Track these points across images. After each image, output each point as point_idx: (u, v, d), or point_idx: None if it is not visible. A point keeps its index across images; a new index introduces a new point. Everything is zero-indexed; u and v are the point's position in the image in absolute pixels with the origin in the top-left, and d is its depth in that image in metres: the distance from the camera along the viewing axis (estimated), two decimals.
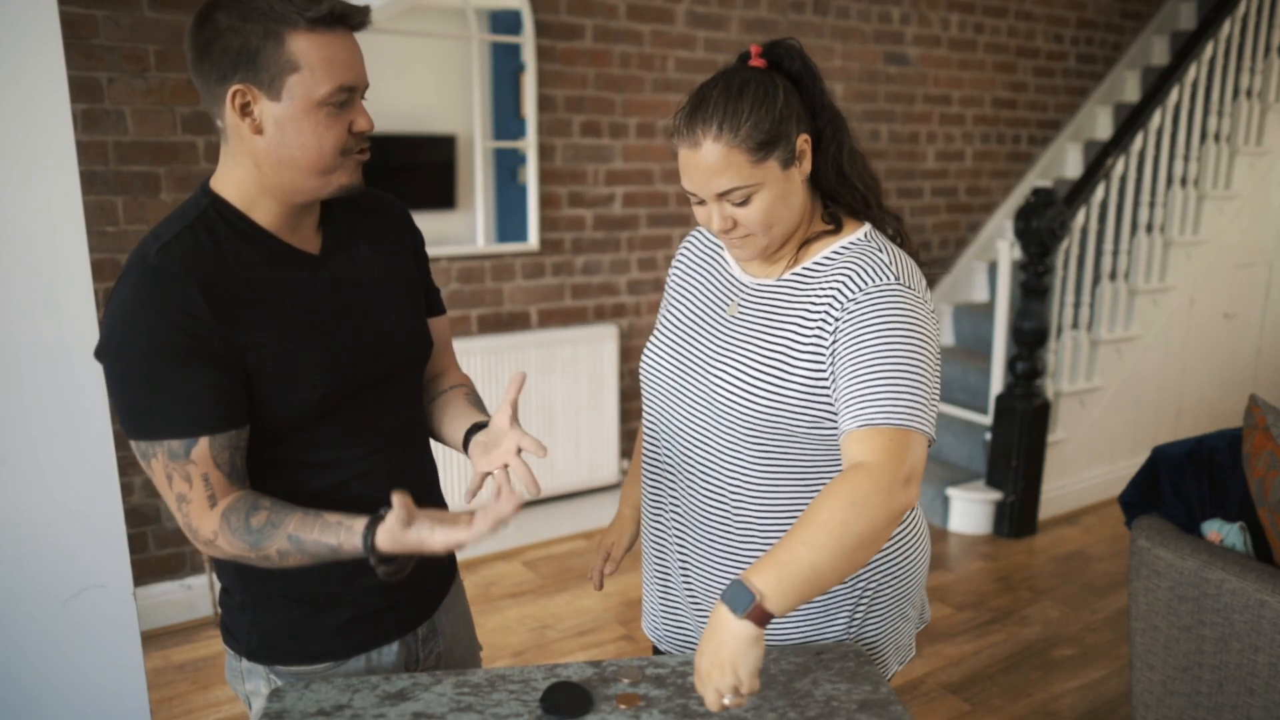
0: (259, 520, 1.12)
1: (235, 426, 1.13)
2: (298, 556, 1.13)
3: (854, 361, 1.18)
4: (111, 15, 2.69)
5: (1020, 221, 3.59)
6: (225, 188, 1.17)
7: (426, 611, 1.37)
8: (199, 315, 1.09)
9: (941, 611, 3.18)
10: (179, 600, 3.05)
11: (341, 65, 1.11)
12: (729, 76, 1.23)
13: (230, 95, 1.10)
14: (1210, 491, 2.02)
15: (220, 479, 1.13)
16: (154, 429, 1.11)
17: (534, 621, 3.08)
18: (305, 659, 1.28)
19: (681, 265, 1.46)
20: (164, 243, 1.12)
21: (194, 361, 1.09)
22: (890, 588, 1.36)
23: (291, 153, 1.12)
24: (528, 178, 3.48)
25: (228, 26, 1.08)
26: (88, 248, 1.44)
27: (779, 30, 3.95)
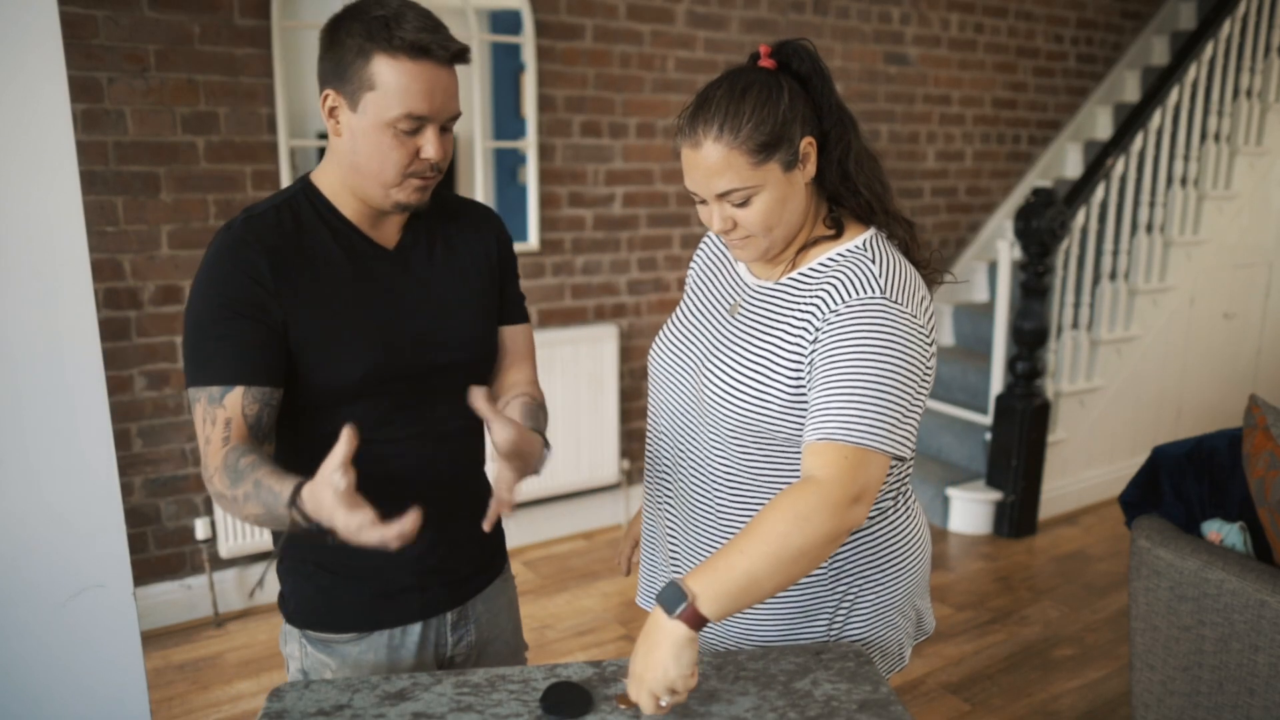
0: (245, 463, 1.16)
1: (269, 384, 1.22)
2: (254, 504, 1.14)
3: (825, 375, 1.17)
4: (111, 15, 2.69)
5: (1020, 221, 3.59)
6: (321, 179, 1.29)
7: (458, 598, 1.40)
8: (261, 279, 1.20)
9: (941, 611, 3.18)
10: (179, 600, 3.05)
11: (416, 94, 1.17)
12: (734, 77, 1.22)
13: (322, 98, 1.22)
14: (1210, 491, 2.02)
15: (241, 428, 1.20)
16: (201, 376, 1.21)
17: (534, 621, 3.08)
18: (332, 627, 1.35)
19: (699, 262, 1.48)
20: (248, 215, 1.25)
21: (246, 318, 1.20)
22: (874, 592, 1.34)
23: (359, 160, 1.22)
24: (528, 178, 3.48)
25: (339, 39, 1.19)
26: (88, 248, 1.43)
27: (779, 30, 3.95)
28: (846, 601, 1.33)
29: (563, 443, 3.60)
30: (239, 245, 1.22)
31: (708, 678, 1.25)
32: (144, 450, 2.94)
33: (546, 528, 3.68)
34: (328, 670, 1.36)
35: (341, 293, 1.26)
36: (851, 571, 1.32)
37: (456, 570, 1.39)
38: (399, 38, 1.15)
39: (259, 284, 1.20)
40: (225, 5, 2.85)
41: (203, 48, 2.84)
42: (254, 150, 2.96)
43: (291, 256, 1.24)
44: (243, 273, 1.20)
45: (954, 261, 4.83)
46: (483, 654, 1.46)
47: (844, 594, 1.33)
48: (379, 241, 1.31)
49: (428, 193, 1.27)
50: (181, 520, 3.03)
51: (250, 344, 1.20)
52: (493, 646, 1.47)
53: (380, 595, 1.34)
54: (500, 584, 1.49)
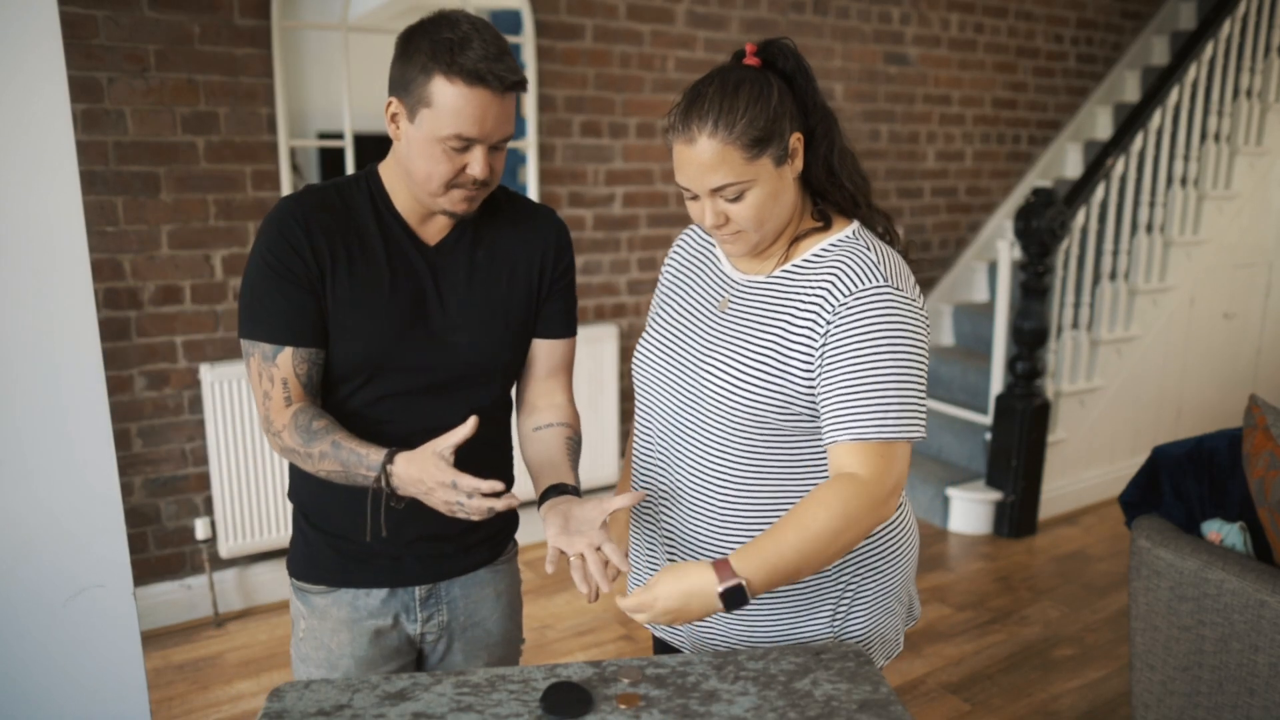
0: (319, 425, 1.30)
1: (316, 345, 1.34)
2: (332, 461, 1.28)
3: (844, 370, 1.21)
4: (111, 15, 2.69)
5: (1020, 221, 3.59)
6: (385, 171, 1.38)
7: (432, 575, 1.46)
8: (302, 249, 1.31)
9: (941, 611, 3.18)
10: (179, 600, 3.05)
11: (467, 118, 1.24)
12: (724, 74, 1.24)
13: (387, 104, 1.30)
14: (1210, 491, 2.02)
15: (297, 386, 1.33)
16: (254, 330, 1.33)
17: (534, 621, 3.08)
18: (307, 578, 1.46)
19: (674, 263, 1.48)
20: (306, 189, 1.37)
21: (292, 283, 1.31)
22: (874, 583, 1.37)
23: (411, 167, 1.30)
24: (528, 178, 3.48)
25: (410, 51, 1.26)
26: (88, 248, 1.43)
27: (779, 30, 3.95)
28: (849, 594, 1.36)
29: None
30: (287, 216, 1.32)
31: (707, 677, 1.25)
32: (144, 450, 2.94)
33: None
34: (302, 619, 1.47)
35: (371, 277, 1.34)
36: (854, 564, 1.35)
37: (435, 548, 1.44)
38: (459, 64, 1.22)
39: (298, 253, 1.31)
40: (225, 5, 2.85)
41: (203, 48, 2.84)
42: (254, 150, 2.96)
43: (333, 234, 1.33)
44: (286, 241, 1.31)
45: (954, 261, 4.83)
46: (458, 638, 1.50)
47: (845, 586, 1.35)
48: (422, 237, 1.38)
49: (475, 203, 1.33)
50: (181, 520, 3.03)
51: (296, 306, 1.32)
52: (471, 633, 1.50)
53: (351, 555, 1.43)
54: (488, 574, 1.52)
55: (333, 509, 1.42)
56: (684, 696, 1.21)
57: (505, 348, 1.44)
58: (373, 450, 1.26)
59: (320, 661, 1.45)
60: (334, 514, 1.42)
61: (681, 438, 1.35)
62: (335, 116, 3.12)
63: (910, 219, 4.58)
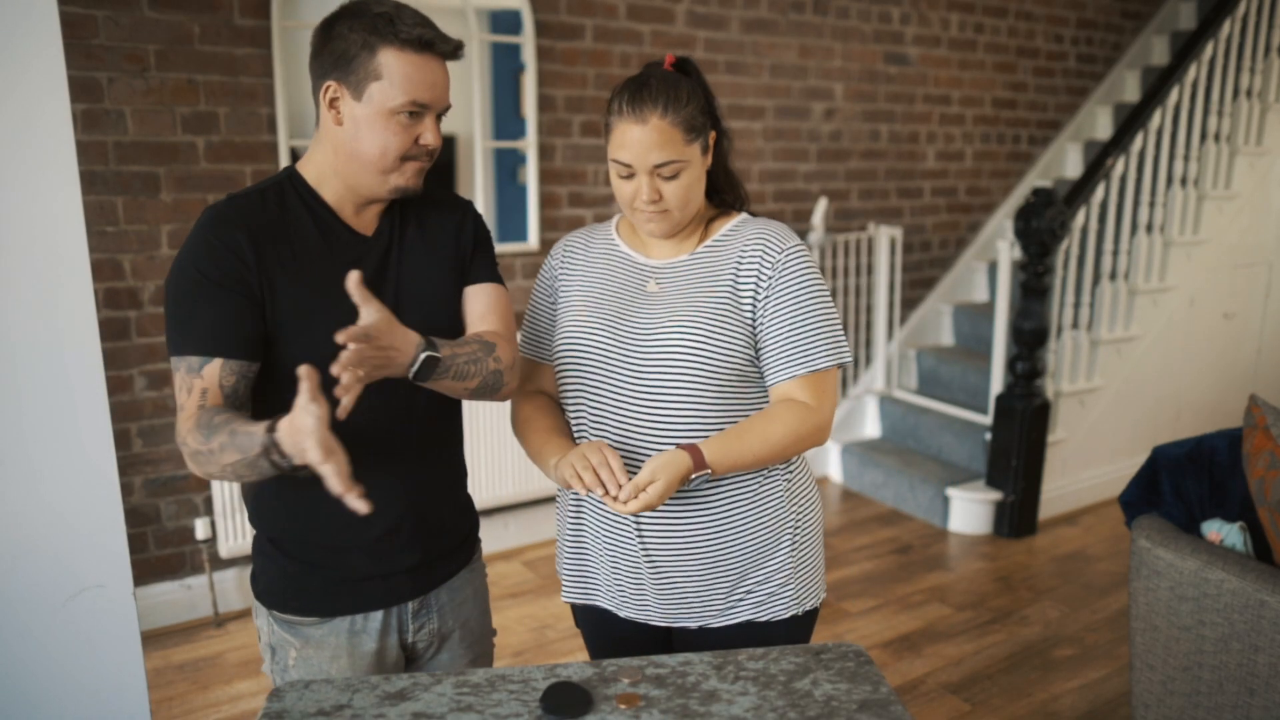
0: (220, 419, 1.22)
1: (247, 358, 1.28)
2: (231, 451, 1.19)
3: (788, 316, 1.42)
4: (111, 15, 2.69)
5: (1020, 221, 3.59)
6: (306, 167, 1.36)
7: (420, 588, 1.45)
8: (241, 254, 1.27)
9: (941, 611, 3.18)
10: (179, 600, 3.05)
11: (420, 84, 1.27)
12: (659, 72, 1.43)
13: (324, 89, 1.29)
14: (1210, 491, 2.02)
15: (217, 397, 1.26)
16: (181, 345, 1.27)
17: (534, 621, 3.08)
18: (295, 610, 1.41)
19: (572, 262, 1.57)
20: (232, 197, 1.33)
21: (226, 291, 1.26)
22: (811, 514, 1.54)
23: (360, 148, 1.29)
24: (528, 178, 3.48)
25: (339, 33, 1.27)
26: (88, 248, 1.43)
27: (779, 30, 3.95)
28: (800, 524, 1.51)
29: None
30: (221, 222, 1.28)
31: (707, 677, 1.25)
32: (144, 450, 2.94)
33: (546, 528, 3.69)
34: (291, 649, 1.41)
35: (318, 273, 1.31)
36: (798, 495, 1.52)
37: (420, 560, 1.44)
38: (404, 33, 1.25)
39: (239, 258, 1.26)
40: (225, 5, 2.85)
41: (203, 48, 2.84)
42: (254, 150, 2.96)
43: (271, 235, 1.30)
44: (225, 247, 1.26)
45: (954, 261, 4.83)
46: (446, 640, 1.51)
47: (796, 517, 1.50)
48: (357, 229, 1.37)
49: (422, 177, 1.35)
50: (181, 520, 3.03)
51: (230, 317, 1.26)
52: (457, 634, 1.52)
53: (341, 582, 1.40)
54: (467, 574, 1.53)
55: (320, 533, 1.37)
56: (684, 696, 1.21)
57: (455, 319, 1.44)
58: (259, 425, 1.17)
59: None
60: (322, 538, 1.37)
61: (638, 414, 1.43)
62: None
63: (910, 219, 4.59)
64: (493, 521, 3.53)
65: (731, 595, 1.48)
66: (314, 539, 1.38)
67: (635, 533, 1.45)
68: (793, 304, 1.43)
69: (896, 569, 3.51)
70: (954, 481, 3.91)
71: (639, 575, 1.47)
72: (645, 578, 1.47)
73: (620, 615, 1.53)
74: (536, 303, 1.60)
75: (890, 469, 4.11)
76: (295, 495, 1.35)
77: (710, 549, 1.46)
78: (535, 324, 1.59)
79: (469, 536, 1.54)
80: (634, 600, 1.50)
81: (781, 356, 1.43)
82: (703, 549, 1.46)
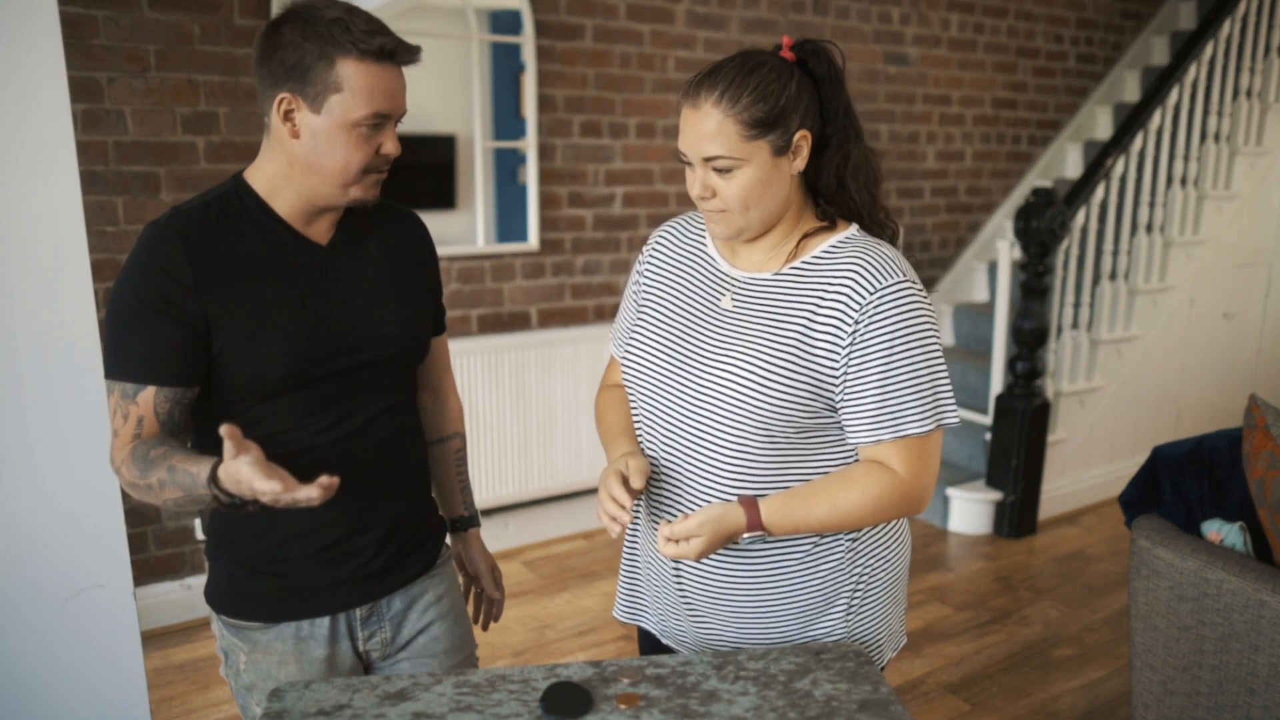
0: (156, 453, 1.20)
1: (184, 384, 1.24)
2: (172, 488, 1.18)
3: (878, 369, 1.23)
4: (111, 15, 2.69)
5: (1020, 221, 3.59)
6: (255, 177, 1.30)
7: (369, 595, 1.41)
8: (180, 277, 1.22)
9: (941, 611, 3.18)
10: (179, 600, 3.05)
11: (381, 94, 1.22)
12: (749, 54, 1.26)
13: (277, 101, 1.22)
14: (1210, 491, 2.02)
15: (153, 425, 1.24)
16: (116, 370, 1.23)
17: (534, 621, 3.08)
18: (240, 615, 1.38)
19: (658, 258, 1.45)
20: (174, 213, 1.27)
21: (163, 317, 1.22)
22: (883, 573, 1.38)
23: (320, 161, 1.24)
24: (528, 178, 3.48)
25: (290, 40, 1.20)
26: (88, 248, 1.44)
27: (779, 30, 3.95)
28: (860, 586, 1.36)
29: (563, 443, 3.60)
30: (161, 242, 1.23)
31: (707, 677, 1.25)
32: None
33: (546, 528, 3.69)
34: (241, 653, 1.39)
35: (266, 290, 1.27)
36: (864, 559, 1.36)
37: (367, 567, 1.39)
38: (363, 43, 1.20)
39: (179, 281, 1.22)
40: (225, 5, 2.85)
41: (203, 48, 2.84)
42: (254, 150, 2.94)
43: (215, 254, 1.25)
44: (162, 270, 1.22)
45: (954, 261, 4.83)
46: (406, 649, 1.46)
47: (859, 579, 1.36)
48: (311, 238, 1.32)
49: (379, 187, 1.31)
50: (181, 520, 3.03)
51: (166, 343, 1.22)
52: (418, 642, 1.47)
53: (285, 589, 1.37)
54: (426, 582, 1.48)
55: (263, 541, 1.35)
56: (684, 696, 1.21)
57: (421, 335, 1.44)
58: (201, 466, 1.15)
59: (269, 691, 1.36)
60: (265, 546, 1.35)
61: (690, 438, 1.32)
62: None
63: (910, 219, 4.58)
64: (493, 521, 3.53)
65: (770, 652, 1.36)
66: (258, 546, 1.36)
67: (673, 572, 1.38)
68: (883, 358, 1.22)
69: None
70: (954, 481, 3.91)
71: (677, 613, 1.41)
72: (682, 617, 1.40)
73: (661, 641, 1.49)
74: (626, 297, 1.49)
75: None
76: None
77: (751, 605, 1.34)
78: (620, 321, 1.49)
79: (427, 544, 1.49)
80: (674, 633, 1.44)
81: (866, 419, 1.25)
82: (743, 604, 1.34)
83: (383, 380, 1.37)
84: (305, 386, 1.30)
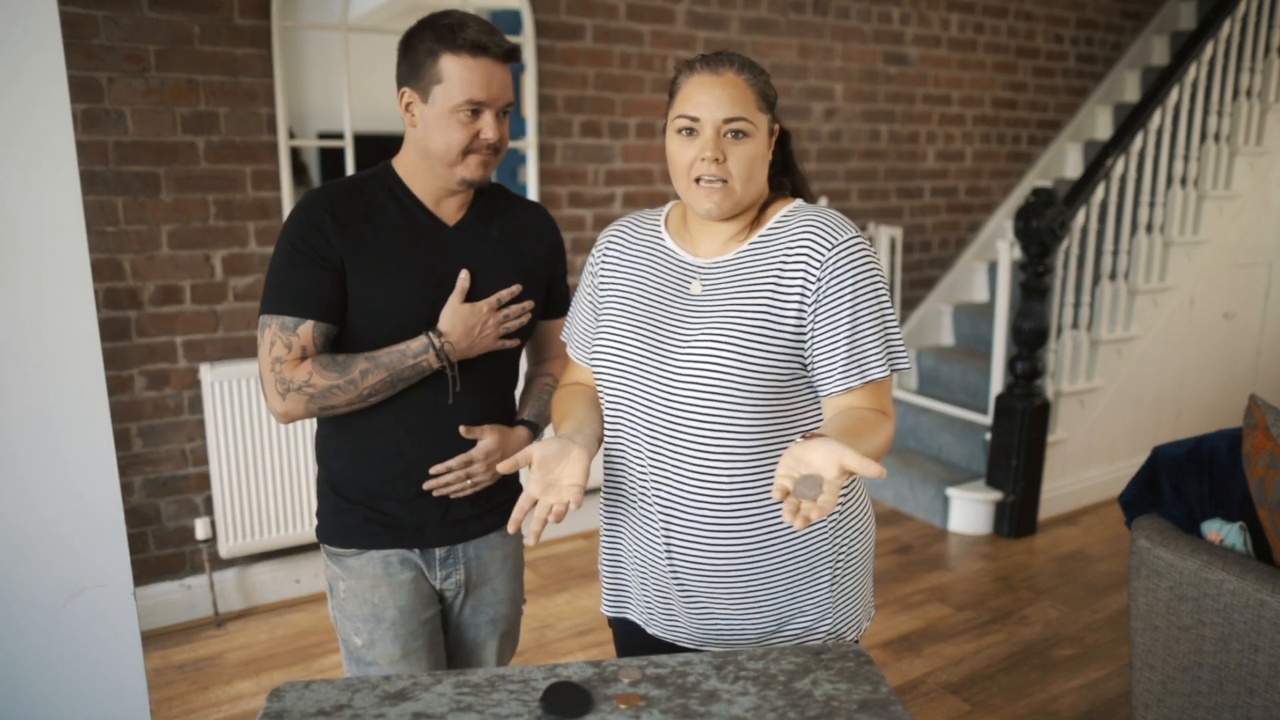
0: (342, 357, 1.48)
1: (334, 321, 1.49)
2: (375, 372, 1.47)
3: (844, 321, 1.31)
4: (111, 15, 2.69)
5: (1020, 221, 3.59)
6: (400, 163, 1.55)
7: (450, 538, 1.61)
8: (326, 232, 1.47)
9: (941, 611, 3.18)
10: (179, 600, 3.05)
11: (475, 85, 1.43)
12: None
13: (400, 95, 1.49)
14: (1210, 491, 2.02)
15: (313, 353, 1.48)
16: (278, 305, 1.47)
17: (534, 621, 3.08)
18: (337, 542, 1.59)
19: (613, 258, 1.48)
20: (328, 183, 1.54)
21: (317, 264, 1.47)
22: (860, 544, 1.45)
23: (430, 144, 1.47)
24: (528, 178, 3.48)
25: (416, 45, 1.45)
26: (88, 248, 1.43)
27: (779, 30, 3.95)
28: (841, 555, 1.42)
29: None
30: (311, 204, 1.49)
31: (707, 677, 1.25)
32: (144, 450, 2.94)
33: (547, 528, 3.68)
34: (340, 581, 1.60)
35: (397, 255, 1.50)
36: (845, 527, 1.42)
37: (450, 512, 1.60)
38: (462, 39, 1.42)
39: (323, 235, 1.46)
40: (225, 5, 2.85)
41: (203, 48, 2.84)
42: (254, 150, 2.96)
43: (355, 219, 1.49)
44: (311, 224, 1.47)
45: (954, 261, 4.83)
46: (471, 594, 1.68)
47: (838, 548, 1.41)
48: (440, 218, 1.55)
49: (490, 169, 1.51)
50: (181, 520, 3.03)
51: (319, 285, 1.47)
52: (481, 590, 1.68)
53: (379, 522, 1.57)
54: (497, 538, 1.68)
55: (366, 478, 1.57)
56: (684, 696, 1.21)
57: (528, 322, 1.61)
58: (410, 341, 1.48)
59: (366, 616, 1.58)
60: (367, 483, 1.57)
61: (673, 425, 1.34)
62: (335, 117, 3.12)
63: (910, 219, 4.59)
64: None
65: (764, 625, 1.41)
66: (360, 481, 1.57)
67: (665, 553, 1.39)
68: (850, 307, 1.31)
69: (896, 569, 3.51)
70: (954, 481, 3.91)
71: (668, 596, 1.42)
72: (674, 599, 1.42)
73: (648, 631, 1.49)
74: (578, 301, 1.54)
75: (890, 468, 4.11)
76: (354, 443, 1.56)
77: (742, 578, 1.38)
78: (575, 324, 1.54)
79: (507, 504, 1.67)
80: (663, 619, 1.45)
81: (837, 368, 1.32)
82: (734, 578, 1.38)
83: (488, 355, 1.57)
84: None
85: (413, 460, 1.55)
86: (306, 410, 1.48)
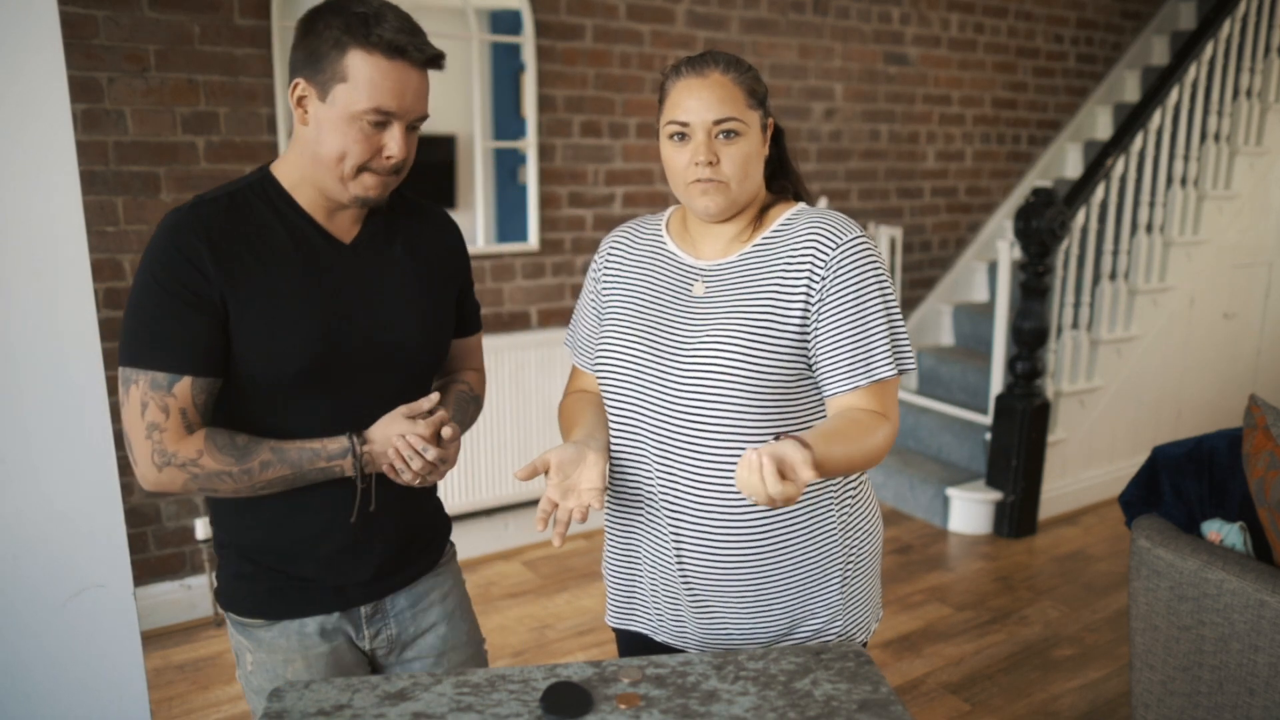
0: (242, 440, 1.26)
1: (215, 375, 1.26)
2: (279, 467, 1.26)
3: (847, 320, 1.31)
4: (111, 15, 2.69)
5: (1020, 221, 3.59)
6: (281, 168, 1.31)
7: (374, 593, 1.41)
8: (202, 266, 1.22)
9: (941, 611, 3.18)
10: (179, 600, 3.05)
11: (385, 91, 1.20)
12: None
13: (292, 86, 1.24)
14: (1210, 491, 2.02)
15: (196, 415, 1.25)
16: (145, 358, 1.22)
17: (534, 621, 3.08)
18: (244, 612, 1.38)
19: (615, 263, 1.48)
20: (197, 201, 1.27)
21: (191, 306, 1.22)
22: (869, 545, 1.45)
23: (320, 150, 1.23)
24: (528, 178, 3.48)
25: (316, 30, 1.21)
26: (88, 248, 1.43)
27: (779, 30, 3.95)
28: (852, 557, 1.42)
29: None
30: (182, 230, 1.23)
31: (707, 677, 1.25)
32: None
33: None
34: (248, 653, 1.39)
35: (287, 284, 1.26)
36: (853, 528, 1.42)
37: (372, 566, 1.39)
38: (377, 35, 1.19)
39: (199, 270, 1.22)
40: (225, 5, 2.85)
41: (203, 48, 2.84)
42: (254, 150, 2.96)
43: (236, 245, 1.24)
44: (184, 258, 1.22)
45: (954, 261, 4.83)
46: (413, 647, 1.47)
47: (849, 550, 1.41)
48: (334, 234, 1.32)
49: (386, 190, 1.29)
50: (181, 520, 3.03)
51: (195, 333, 1.23)
52: (426, 640, 1.47)
53: (290, 587, 1.37)
54: (430, 581, 1.48)
55: (275, 541, 1.36)
56: (684, 696, 1.21)
57: (440, 340, 1.43)
58: (327, 440, 1.27)
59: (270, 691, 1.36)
60: (276, 546, 1.36)
61: (680, 428, 1.34)
62: None
63: (910, 219, 4.59)
64: (493, 521, 3.53)
65: (774, 629, 1.40)
66: (265, 544, 1.36)
67: (675, 558, 1.38)
68: (853, 307, 1.30)
69: (896, 569, 3.51)
70: (954, 481, 3.91)
71: (678, 601, 1.41)
72: (684, 604, 1.41)
73: (656, 639, 1.48)
74: (582, 308, 1.52)
75: (890, 469, 4.11)
76: (250, 501, 1.32)
77: (753, 581, 1.37)
78: (578, 330, 1.52)
79: (433, 543, 1.50)
80: (672, 625, 1.44)
81: (842, 368, 1.31)
82: (745, 581, 1.37)
83: (395, 383, 1.36)
84: (319, 384, 1.29)
85: (323, 510, 1.33)
86: (184, 488, 1.26)
